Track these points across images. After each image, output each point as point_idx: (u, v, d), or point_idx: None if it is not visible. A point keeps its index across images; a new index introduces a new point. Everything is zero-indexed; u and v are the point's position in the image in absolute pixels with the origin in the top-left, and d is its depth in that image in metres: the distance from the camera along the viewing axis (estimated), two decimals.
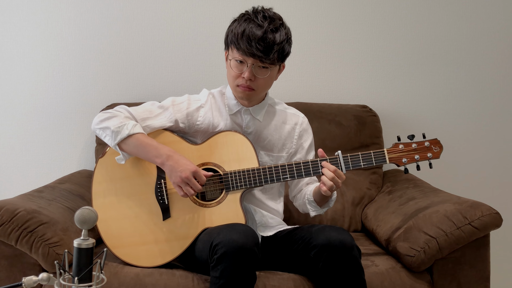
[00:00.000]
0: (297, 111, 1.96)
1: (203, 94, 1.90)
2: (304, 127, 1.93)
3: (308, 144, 1.93)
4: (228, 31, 1.78)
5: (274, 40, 1.70)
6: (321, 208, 1.86)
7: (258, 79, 1.74)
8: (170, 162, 1.69)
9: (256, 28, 1.69)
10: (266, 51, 1.69)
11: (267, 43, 1.69)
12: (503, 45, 2.60)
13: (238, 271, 1.51)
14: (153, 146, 1.71)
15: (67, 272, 1.21)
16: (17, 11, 2.50)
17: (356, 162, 1.74)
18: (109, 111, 1.79)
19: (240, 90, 1.77)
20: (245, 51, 1.70)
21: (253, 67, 1.72)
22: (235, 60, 1.74)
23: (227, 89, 1.88)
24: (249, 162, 1.75)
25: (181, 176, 1.67)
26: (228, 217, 1.72)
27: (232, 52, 1.75)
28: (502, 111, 2.62)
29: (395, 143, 1.77)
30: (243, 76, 1.73)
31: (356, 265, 1.59)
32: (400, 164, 1.75)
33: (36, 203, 1.84)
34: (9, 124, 2.54)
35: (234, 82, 1.78)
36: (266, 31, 1.69)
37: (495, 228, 1.77)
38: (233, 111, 1.85)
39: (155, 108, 1.83)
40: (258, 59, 1.70)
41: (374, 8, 2.56)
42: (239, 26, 1.72)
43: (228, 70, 1.79)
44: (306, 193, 1.88)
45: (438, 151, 1.77)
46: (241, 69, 1.74)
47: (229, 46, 1.77)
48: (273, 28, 1.71)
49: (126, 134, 1.71)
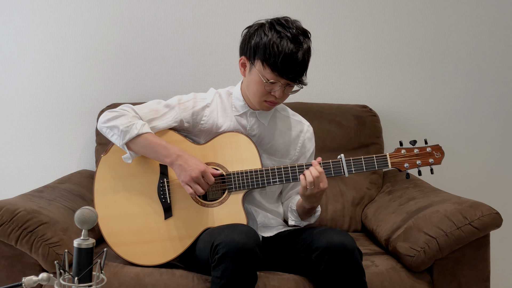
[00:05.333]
0: (303, 119, 1.94)
1: (210, 93, 1.87)
2: (308, 136, 1.91)
3: (310, 153, 1.92)
4: (254, 42, 1.69)
5: (308, 60, 1.69)
6: (301, 220, 1.85)
7: (285, 94, 1.73)
8: (179, 162, 1.69)
9: (296, 48, 1.64)
10: (302, 74, 1.68)
11: (304, 66, 1.68)
12: (503, 45, 2.60)
13: (239, 271, 1.51)
14: (162, 146, 1.71)
15: (67, 272, 1.21)
16: (17, 11, 2.50)
17: (359, 166, 1.73)
18: (116, 110, 1.77)
19: (266, 105, 1.75)
20: (284, 75, 1.66)
21: (284, 86, 1.70)
22: (266, 79, 1.68)
23: (235, 90, 1.85)
24: (252, 163, 1.75)
25: (191, 176, 1.67)
26: (229, 217, 1.72)
27: (263, 69, 1.67)
28: (502, 111, 2.62)
29: (397, 148, 1.76)
30: (273, 94, 1.70)
31: (357, 267, 1.59)
32: (402, 169, 1.75)
33: (36, 203, 1.84)
34: (9, 124, 2.54)
35: (260, 98, 1.73)
36: (304, 51, 1.66)
37: (495, 228, 1.77)
38: (240, 112, 1.83)
39: (161, 107, 1.80)
40: (294, 82, 1.69)
41: (374, 8, 2.56)
42: (275, 42, 1.64)
43: (254, 84, 1.72)
44: (291, 201, 1.88)
45: (439, 157, 1.77)
46: (271, 88, 1.70)
47: (256, 59, 1.69)
48: (308, 47, 1.68)
49: (135, 134, 1.70)
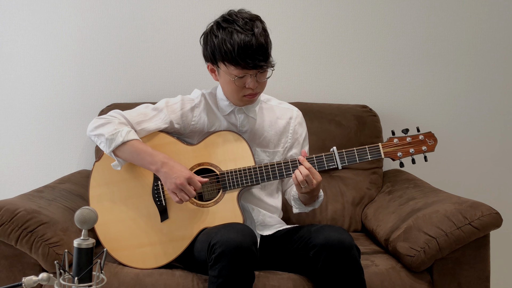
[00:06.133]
0: (291, 106, 1.94)
1: (196, 94, 1.87)
2: (299, 120, 1.92)
3: (303, 138, 1.92)
4: (209, 47, 1.69)
5: (266, 42, 1.66)
6: (305, 206, 1.85)
7: (260, 83, 1.72)
8: (164, 169, 1.68)
9: (248, 36, 1.62)
10: (265, 58, 1.66)
11: (263, 50, 1.64)
12: (503, 45, 2.60)
13: (236, 270, 1.51)
14: (148, 153, 1.70)
15: (67, 272, 1.21)
16: (17, 11, 2.50)
17: (351, 157, 1.74)
18: (103, 117, 1.77)
19: (246, 99, 1.75)
20: (247, 66, 1.64)
21: (255, 75, 1.69)
22: (234, 76, 1.67)
23: (218, 91, 1.85)
24: (245, 161, 1.75)
25: (176, 183, 1.66)
26: (225, 216, 1.72)
27: (228, 68, 1.67)
28: (502, 111, 2.62)
29: (390, 137, 1.77)
30: (247, 86, 1.70)
31: (355, 265, 1.59)
32: (395, 158, 1.75)
33: (36, 203, 1.84)
34: (9, 124, 2.54)
35: (238, 95, 1.73)
36: (257, 36, 1.63)
37: (495, 228, 1.77)
38: (226, 112, 1.83)
39: (149, 110, 1.81)
40: (260, 68, 1.67)
41: (374, 8, 2.56)
42: (226, 39, 1.63)
43: (226, 85, 1.73)
44: (293, 189, 1.89)
45: (432, 144, 1.77)
46: (243, 82, 1.70)
47: (218, 61, 1.69)
48: (261, 30, 1.65)
49: (120, 142, 1.69)
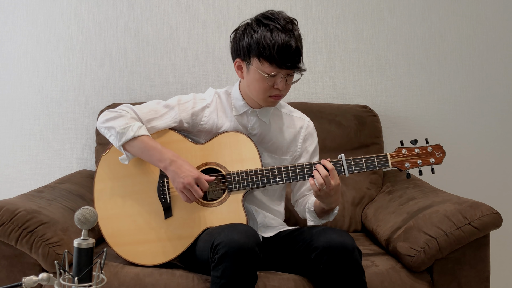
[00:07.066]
0: (303, 115, 1.93)
1: (209, 93, 1.86)
2: (310, 131, 1.91)
3: (312, 148, 1.90)
4: (245, 41, 1.69)
5: (301, 47, 1.68)
6: (320, 219, 1.84)
7: (287, 86, 1.72)
8: (173, 168, 1.68)
9: (288, 37, 1.63)
10: (299, 60, 1.67)
11: (299, 53, 1.66)
12: (503, 45, 2.60)
13: (239, 271, 1.51)
14: (157, 150, 1.70)
15: (67, 272, 1.21)
16: (17, 11, 2.50)
17: (359, 166, 1.72)
18: (115, 110, 1.76)
19: (271, 100, 1.74)
20: (282, 65, 1.64)
21: (285, 77, 1.69)
22: (266, 74, 1.67)
23: (234, 90, 1.84)
24: (252, 163, 1.75)
25: (184, 183, 1.66)
26: (229, 217, 1.72)
27: (261, 64, 1.66)
28: (502, 110, 2.62)
29: (398, 148, 1.76)
30: (276, 87, 1.69)
31: (357, 267, 1.58)
32: (403, 168, 1.74)
33: (36, 203, 1.84)
34: (9, 124, 2.54)
35: (264, 94, 1.72)
36: (296, 38, 1.65)
37: (495, 228, 1.77)
38: (240, 112, 1.82)
39: (160, 107, 1.80)
40: (293, 70, 1.67)
41: (374, 8, 2.56)
42: (266, 35, 1.64)
43: (254, 82, 1.71)
44: (308, 201, 1.87)
45: (440, 157, 1.76)
46: (273, 82, 1.69)
47: (252, 57, 1.68)
48: (298, 33, 1.67)
49: (131, 136, 1.69)
